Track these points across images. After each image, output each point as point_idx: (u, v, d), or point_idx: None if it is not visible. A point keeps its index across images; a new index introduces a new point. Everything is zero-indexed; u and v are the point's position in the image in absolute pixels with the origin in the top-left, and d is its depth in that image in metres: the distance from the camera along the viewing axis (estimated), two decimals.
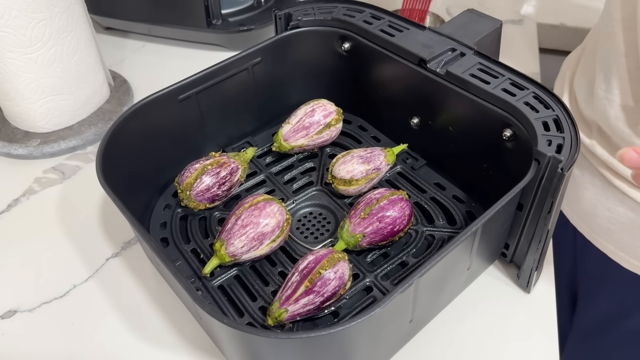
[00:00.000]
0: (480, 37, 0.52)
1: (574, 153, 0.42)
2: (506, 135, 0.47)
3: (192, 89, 0.53)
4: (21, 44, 0.58)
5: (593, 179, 0.59)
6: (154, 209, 0.54)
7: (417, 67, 0.52)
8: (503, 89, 0.47)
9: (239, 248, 0.46)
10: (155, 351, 0.46)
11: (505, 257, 0.51)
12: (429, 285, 0.41)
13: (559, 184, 0.41)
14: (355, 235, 0.48)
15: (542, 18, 0.93)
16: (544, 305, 0.48)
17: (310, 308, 0.43)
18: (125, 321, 0.48)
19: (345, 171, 0.53)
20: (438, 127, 0.54)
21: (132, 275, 0.52)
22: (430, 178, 0.56)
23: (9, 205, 0.59)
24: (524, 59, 0.81)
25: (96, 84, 0.68)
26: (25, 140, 0.64)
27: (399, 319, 0.41)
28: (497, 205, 0.40)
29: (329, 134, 0.58)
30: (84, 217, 0.57)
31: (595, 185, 0.59)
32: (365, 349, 0.40)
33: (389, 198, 0.49)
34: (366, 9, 0.58)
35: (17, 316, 0.49)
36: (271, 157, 0.59)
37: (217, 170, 0.51)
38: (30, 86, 0.61)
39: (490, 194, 0.45)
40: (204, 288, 0.47)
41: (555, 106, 0.46)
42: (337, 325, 0.33)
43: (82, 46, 0.64)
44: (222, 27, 0.79)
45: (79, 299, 0.50)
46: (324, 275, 0.43)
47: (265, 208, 0.47)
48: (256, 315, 0.45)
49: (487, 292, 0.49)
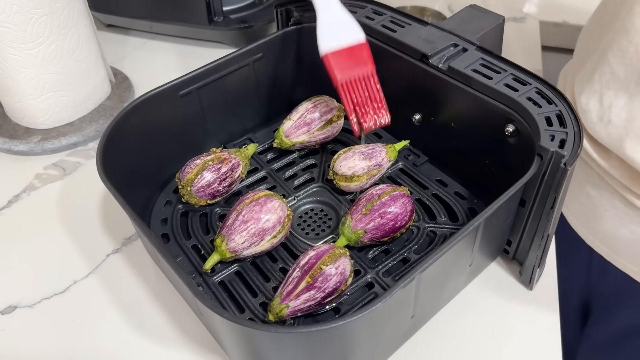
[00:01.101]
0: (483, 32, 0.52)
1: (577, 148, 0.41)
2: (509, 131, 0.46)
3: (193, 84, 0.53)
4: (22, 40, 0.58)
5: (613, 200, 0.56)
6: (155, 205, 0.54)
7: (419, 62, 0.52)
8: (505, 84, 0.47)
9: (239, 244, 0.46)
10: (156, 347, 0.46)
11: (508, 254, 0.50)
12: (430, 281, 0.40)
13: (562, 179, 0.41)
14: (357, 231, 0.47)
15: (545, 16, 0.93)
16: (546, 302, 0.48)
17: (312, 304, 0.43)
18: (125, 317, 0.48)
19: (347, 167, 0.52)
20: (440, 123, 0.54)
21: (133, 271, 0.52)
22: (432, 174, 0.56)
23: (10, 201, 0.59)
24: (526, 57, 0.81)
25: (97, 81, 0.68)
26: (26, 136, 0.64)
27: (400, 315, 0.41)
28: (500, 201, 0.40)
29: (330, 130, 0.58)
30: (85, 213, 0.57)
31: (616, 207, 0.55)
32: (367, 344, 0.40)
33: (391, 194, 0.48)
34: (368, 5, 0.58)
35: (17, 312, 0.49)
36: (272, 153, 0.59)
37: (218, 166, 0.51)
38: (31, 82, 0.61)
39: (492, 190, 0.45)
40: (205, 284, 0.47)
41: (558, 101, 0.45)
42: (338, 320, 0.33)
43: (83, 42, 0.64)
44: (224, 24, 0.79)
45: (80, 294, 0.50)
46: (325, 271, 0.42)
47: (267, 204, 0.47)
48: (257, 311, 0.45)
49: (490, 289, 0.49)
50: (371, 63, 0.50)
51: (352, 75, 0.50)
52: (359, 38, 0.50)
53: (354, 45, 0.50)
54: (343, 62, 0.49)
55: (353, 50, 0.50)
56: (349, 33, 0.50)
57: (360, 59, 0.50)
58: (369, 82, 0.50)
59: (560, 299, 0.49)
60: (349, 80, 0.50)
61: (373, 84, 0.51)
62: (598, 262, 0.60)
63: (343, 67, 0.49)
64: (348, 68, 0.49)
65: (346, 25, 0.50)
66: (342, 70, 0.49)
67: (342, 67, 0.49)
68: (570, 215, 0.63)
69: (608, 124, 0.52)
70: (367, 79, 0.50)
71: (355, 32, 0.50)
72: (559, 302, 0.48)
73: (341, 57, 0.49)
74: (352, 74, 0.50)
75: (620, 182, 0.54)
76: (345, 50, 0.49)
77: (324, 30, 0.49)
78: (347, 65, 0.49)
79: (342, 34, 0.50)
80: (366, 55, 0.50)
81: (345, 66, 0.49)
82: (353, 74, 0.50)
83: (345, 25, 0.50)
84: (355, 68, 0.50)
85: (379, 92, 0.51)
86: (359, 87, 0.50)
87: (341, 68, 0.49)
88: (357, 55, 0.50)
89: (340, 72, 0.49)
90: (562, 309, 0.49)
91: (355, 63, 0.50)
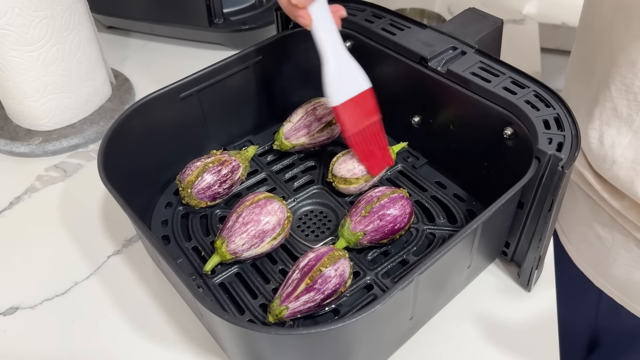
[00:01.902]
0: (481, 35, 0.52)
1: (574, 151, 0.42)
2: (507, 134, 0.47)
3: (193, 87, 0.53)
4: (23, 42, 0.58)
5: (627, 243, 0.52)
6: (156, 207, 0.54)
7: (418, 65, 0.52)
8: (504, 88, 0.47)
9: (239, 245, 0.46)
10: (156, 348, 0.46)
11: (506, 256, 0.51)
12: (429, 282, 0.41)
13: (560, 181, 0.41)
14: (356, 233, 0.48)
15: (544, 18, 0.93)
16: (544, 304, 0.48)
17: (311, 305, 0.43)
18: (126, 318, 0.48)
19: (346, 170, 0.53)
20: (439, 126, 0.54)
21: (134, 272, 0.52)
22: (431, 177, 0.56)
23: (11, 202, 0.60)
24: (525, 59, 0.81)
25: (98, 83, 0.68)
26: (27, 138, 0.65)
27: (399, 316, 0.41)
28: (498, 203, 0.40)
29: (329, 133, 0.58)
30: (86, 215, 0.58)
31: (631, 250, 0.52)
32: (366, 346, 0.40)
33: (390, 196, 0.49)
34: (368, 8, 0.58)
35: (19, 313, 0.49)
36: (272, 155, 0.60)
37: (218, 168, 0.52)
38: (32, 84, 0.62)
39: (491, 193, 0.45)
40: (205, 285, 0.48)
41: (555, 104, 0.46)
42: (338, 322, 0.33)
43: (84, 44, 0.64)
44: (224, 26, 0.79)
45: (81, 296, 0.50)
46: (324, 273, 0.43)
47: (266, 206, 0.47)
48: (257, 313, 0.45)
49: (488, 291, 0.49)
50: (377, 112, 0.52)
51: (362, 126, 0.52)
52: (365, 85, 0.51)
53: (361, 93, 0.51)
54: (352, 112, 0.51)
55: (360, 99, 0.51)
56: (356, 81, 0.51)
57: (368, 108, 0.52)
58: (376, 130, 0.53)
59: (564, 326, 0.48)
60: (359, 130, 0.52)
61: (379, 131, 0.53)
62: (607, 303, 0.57)
63: (352, 117, 0.51)
64: (357, 119, 0.51)
65: (352, 72, 0.51)
66: (352, 121, 0.51)
67: (351, 118, 0.51)
68: (578, 256, 0.59)
69: (613, 164, 0.49)
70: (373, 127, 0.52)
71: (361, 79, 0.51)
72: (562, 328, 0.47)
73: (350, 107, 0.50)
74: (362, 124, 0.51)
75: (636, 224, 0.50)
76: (354, 100, 0.51)
77: (332, 79, 0.49)
78: (356, 116, 0.51)
79: (349, 83, 0.51)
80: (372, 103, 0.52)
81: (354, 117, 0.51)
82: (362, 124, 0.52)
83: (351, 73, 0.51)
84: (364, 119, 0.52)
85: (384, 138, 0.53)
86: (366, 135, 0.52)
87: (351, 119, 0.51)
88: (365, 103, 0.51)
89: (351, 124, 0.51)
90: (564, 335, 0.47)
91: (363, 112, 0.51)
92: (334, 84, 0.50)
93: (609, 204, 0.52)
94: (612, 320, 0.59)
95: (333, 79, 0.49)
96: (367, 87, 0.51)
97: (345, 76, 0.50)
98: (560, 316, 0.48)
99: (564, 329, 0.48)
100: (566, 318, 0.49)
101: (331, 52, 0.49)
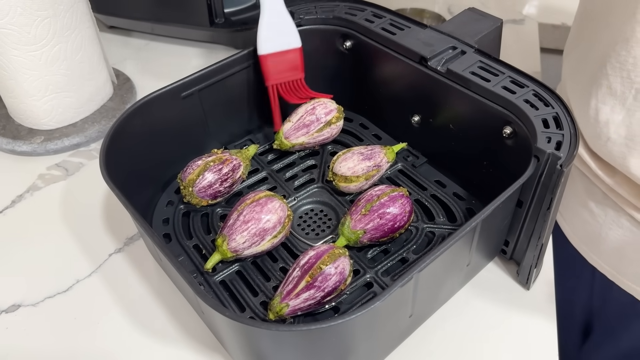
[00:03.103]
0: (481, 35, 0.52)
1: (573, 150, 0.42)
2: (506, 133, 0.47)
3: (194, 86, 0.54)
4: (25, 42, 0.59)
5: (619, 219, 0.53)
6: (157, 206, 0.55)
7: (418, 65, 0.52)
8: (503, 87, 0.47)
9: (240, 244, 0.47)
10: (157, 346, 0.46)
11: (505, 254, 0.51)
12: (428, 280, 0.41)
13: (558, 180, 0.41)
14: (356, 231, 0.48)
15: (544, 18, 0.93)
16: (544, 302, 0.49)
17: (311, 303, 0.43)
18: (127, 316, 0.49)
19: (346, 168, 0.53)
20: (439, 125, 0.54)
21: (135, 270, 0.52)
22: (431, 175, 0.57)
23: (13, 201, 0.60)
24: (525, 59, 0.81)
25: (99, 82, 0.68)
26: (29, 137, 0.65)
27: (398, 314, 0.41)
28: (497, 202, 0.40)
29: (329, 132, 0.58)
30: (87, 213, 0.58)
31: (622, 226, 0.53)
32: (366, 343, 0.40)
33: (390, 195, 0.49)
34: (368, 8, 0.59)
35: (21, 310, 0.49)
36: (273, 154, 0.60)
37: (219, 167, 0.52)
38: (34, 83, 0.62)
39: (490, 191, 0.45)
40: (206, 283, 0.48)
41: (554, 104, 0.46)
42: (338, 318, 0.34)
43: (86, 44, 0.65)
44: (225, 25, 0.80)
45: (82, 293, 0.51)
46: (324, 271, 0.43)
47: (267, 204, 0.48)
48: (257, 310, 0.46)
49: (487, 289, 0.50)
50: (302, 72, 0.56)
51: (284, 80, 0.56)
52: (295, 44, 0.55)
53: (290, 50, 0.54)
54: (277, 64, 0.54)
55: (288, 55, 0.54)
56: (287, 38, 0.54)
57: (294, 65, 0.55)
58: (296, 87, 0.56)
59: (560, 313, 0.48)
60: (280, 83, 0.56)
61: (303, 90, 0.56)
62: (601, 281, 0.59)
63: (276, 69, 0.55)
64: (280, 72, 0.55)
65: (286, 30, 0.54)
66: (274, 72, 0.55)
67: (275, 70, 0.54)
68: (572, 233, 0.60)
69: (607, 141, 0.50)
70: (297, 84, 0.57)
71: (293, 38, 0.54)
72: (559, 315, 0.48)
73: (276, 60, 0.54)
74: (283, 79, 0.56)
75: (627, 200, 0.51)
76: (281, 54, 0.54)
77: (264, 31, 0.53)
78: (280, 69, 0.55)
79: (281, 39, 0.54)
80: (299, 62, 0.55)
81: (278, 69, 0.55)
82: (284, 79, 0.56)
83: (285, 30, 0.54)
84: (287, 74, 0.56)
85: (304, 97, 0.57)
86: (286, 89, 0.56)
87: (274, 71, 0.54)
88: (291, 60, 0.55)
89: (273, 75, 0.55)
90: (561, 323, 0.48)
91: (288, 68, 0.55)
92: (264, 35, 0.54)
93: (602, 180, 0.53)
94: (605, 299, 0.60)
95: (265, 30, 0.53)
96: (297, 45, 0.55)
97: (278, 31, 0.54)
98: (558, 302, 0.48)
99: (561, 316, 0.48)
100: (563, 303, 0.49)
101: (269, 6, 0.53)
